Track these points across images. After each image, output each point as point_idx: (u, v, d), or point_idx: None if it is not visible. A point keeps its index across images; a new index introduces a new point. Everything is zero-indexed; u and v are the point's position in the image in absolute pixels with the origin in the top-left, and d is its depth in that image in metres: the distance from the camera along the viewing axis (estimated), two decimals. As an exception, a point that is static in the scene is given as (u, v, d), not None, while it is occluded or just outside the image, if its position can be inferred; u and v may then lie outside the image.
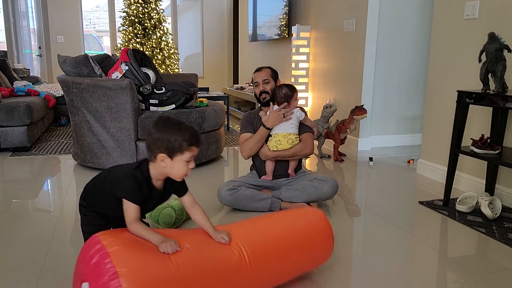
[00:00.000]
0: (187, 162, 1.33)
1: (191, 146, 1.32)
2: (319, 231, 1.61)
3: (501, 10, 2.52)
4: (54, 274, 1.69)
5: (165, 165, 1.32)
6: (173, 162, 1.32)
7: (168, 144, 1.30)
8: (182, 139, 1.30)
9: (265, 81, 2.47)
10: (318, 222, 1.63)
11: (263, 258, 1.42)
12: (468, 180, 2.80)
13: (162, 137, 1.30)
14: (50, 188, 2.90)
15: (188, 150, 1.32)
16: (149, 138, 1.34)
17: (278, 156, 2.41)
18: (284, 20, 5.28)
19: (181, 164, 1.32)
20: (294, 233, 1.55)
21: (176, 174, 1.35)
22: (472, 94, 2.33)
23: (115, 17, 7.30)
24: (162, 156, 1.31)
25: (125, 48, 3.34)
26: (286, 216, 1.64)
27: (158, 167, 1.34)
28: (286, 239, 1.51)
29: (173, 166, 1.32)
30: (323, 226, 1.63)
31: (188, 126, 1.35)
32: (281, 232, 1.53)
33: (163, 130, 1.31)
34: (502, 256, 1.90)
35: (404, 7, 3.98)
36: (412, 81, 4.17)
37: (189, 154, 1.32)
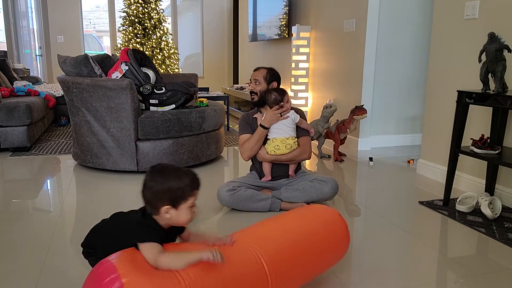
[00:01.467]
0: (191, 207, 1.29)
1: (193, 191, 1.28)
2: (335, 230, 1.58)
3: (501, 10, 2.52)
4: (54, 274, 1.69)
5: (170, 216, 1.27)
6: (178, 211, 1.27)
7: (170, 195, 1.25)
8: (184, 186, 1.25)
9: (256, 81, 2.46)
10: (333, 221, 1.60)
11: (282, 269, 1.37)
12: (468, 180, 2.80)
13: (163, 189, 1.25)
14: (50, 188, 2.90)
15: (191, 195, 1.27)
16: (148, 191, 1.27)
17: (275, 160, 2.41)
18: (284, 20, 5.28)
19: (186, 211, 1.28)
20: (311, 236, 1.50)
21: (182, 222, 1.30)
22: (472, 94, 2.33)
23: (115, 17, 7.30)
24: (167, 209, 1.25)
25: (125, 48, 3.34)
26: (300, 218, 1.58)
27: (163, 219, 1.28)
28: (303, 244, 1.46)
29: (179, 215, 1.27)
30: (338, 223, 1.60)
31: (185, 170, 1.30)
32: (297, 236, 1.47)
33: (162, 181, 1.25)
34: (502, 256, 1.90)
35: (404, 7, 3.98)
36: (412, 81, 4.17)
37: (192, 199, 1.28)
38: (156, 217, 1.29)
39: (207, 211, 2.39)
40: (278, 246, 1.40)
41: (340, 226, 1.60)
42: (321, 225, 1.56)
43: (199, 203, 2.31)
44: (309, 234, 1.50)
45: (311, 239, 1.49)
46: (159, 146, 3.09)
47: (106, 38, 10.54)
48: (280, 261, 1.37)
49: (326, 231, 1.56)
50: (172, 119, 3.08)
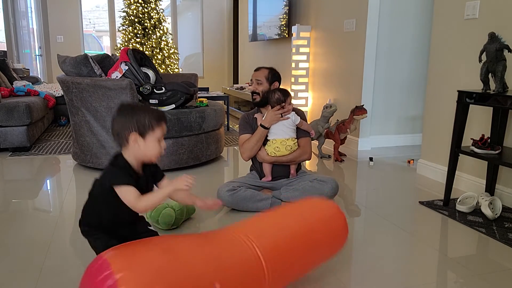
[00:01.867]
0: (159, 141, 1.34)
1: (160, 122, 1.34)
2: (333, 222, 1.56)
3: (501, 10, 2.52)
4: (54, 274, 1.69)
5: (139, 146, 1.31)
6: (146, 141, 1.32)
7: (138, 124, 1.30)
8: (151, 117, 1.32)
9: (258, 81, 2.46)
10: (331, 213, 1.59)
11: (278, 262, 1.37)
12: (468, 180, 2.80)
13: (131, 119, 1.30)
14: (50, 188, 2.90)
15: (158, 127, 1.33)
16: (117, 123, 1.33)
17: (276, 161, 2.42)
18: (284, 20, 5.28)
19: (154, 144, 1.33)
20: (308, 229, 1.49)
21: (150, 154, 1.34)
22: (473, 94, 2.33)
23: (115, 17, 7.29)
24: (135, 136, 1.30)
25: (125, 48, 3.34)
26: (298, 211, 1.57)
27: (132, 151, 1.33)
28: (301, 237, 1.45)
29: (147, 145, 1.32)
30: (336, 216, 1.59)
31: (150, 107, 1.38)
32: (295, 229, 1.46)
33: (130, 112, 1.32)
34: (502, 256, 1.89)
35: (404, 7, 3.98)
36: (412, 81, 4.17)
37: (160, 131, 1.34)
38: (126, 152, 1.34)
39: (207, 211, 2.39)
40: (275, 239, 1.40)
41: (338, 218, 1.59)
42: (318, 217, 1.55)
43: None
44: (307, 227, 1.49)
45: (309, 232, 1.48)
46: (159, 146, 3.08)
47: (106, 38, 10.54)
48: (277, 254, 1.36)
49: (324, 223, 1.54)
50: (172, 119, 3.08)
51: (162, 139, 1.36)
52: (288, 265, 1.39)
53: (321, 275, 1.70)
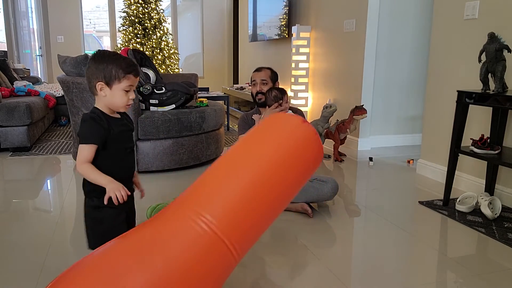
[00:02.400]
0: (126, 91, 1.34)
1: (128, 74, 1.33)
2: (300, 151, 1.25)
3: (501, 10, 2.52)
4: (54, 274, 1.69)
5: (105, 95, 1.34)
6: (112, 91, 1.33)
7: (105, 73, 1.32)
8: (119, 67, 1.32)
9: (263, 81, 2.47)
10: (295, 139, 1.26)
11: (242, 228, 1.13)
12: (468, 180, 2.80)
13: (99, 67, 1.32)
14: (50, 188, 2.90)
15: (126, 79, 1.33)
16: (87, 71, 1.36)
17: None
18: (284, 20, 5.28)
19: (120, 93, 1.34)
20: (272, 172, 1.19)
21: (117, 103, 1.35)
22: (472, 94, 2.33)
23: (115, 17, 7.30)
24: (100, 85, 1.33)
25: (125, 48, 3.34)
26: (253, 148, 1.25)
27: (101, 99, 1.36)
28: (262, 187, 1.17)
29: (113, 95, 1.34)
30: (304, 141, 1.27)
31: (125, 57, 1.36)
32: (255, 179, 1.17)
33: (100, 60, 1.33)
34: (502, 256, 1.90)
35: (404, 7, 3.98)
36: (412, 81, 4.17)
37: (127, 82, 1.33)
38: (97, 99, 1.38)
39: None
40: (229, 200, 1.12)
41: (307, 145, 1.27)
42: (280, 151, 1.22)
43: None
44: (270, 171, 1.18)
45: (273, 177, 1.18)
46: (159, 146, 3.09)
47: (106, 38, 10.54)
48: (239, 220, 1.12)
49: (289, 158, 1.22)
50: (172, 119, 3.09)
51: (131, 91, 1.36)
52: (256, 225, 1.16)
53: (320, 274, 1.70)
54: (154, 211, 2.13)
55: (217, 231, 1.09)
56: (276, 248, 1.95)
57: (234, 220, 1.12)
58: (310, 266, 1.78)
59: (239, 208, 1.13)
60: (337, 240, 2.07)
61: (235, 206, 1.12)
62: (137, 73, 1.37)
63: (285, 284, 1.64)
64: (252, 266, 1.78)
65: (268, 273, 1.73)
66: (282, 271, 1.74)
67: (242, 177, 1.17)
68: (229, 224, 1.11)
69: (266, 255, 1.88)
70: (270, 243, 2.00)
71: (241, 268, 1.75)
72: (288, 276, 1.70)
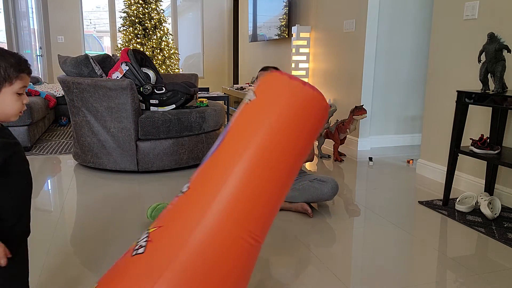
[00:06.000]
0: (19, 95, 1.08)
1: (21, 73, 1.07)
2: (306, 120, 1.20)
3: (501, 10, 2.52)
4: (54, 274, 1.70)
5: None
6: (2, 95, 1.06)
7: None
8: (9, 66, 1.05)
9: None
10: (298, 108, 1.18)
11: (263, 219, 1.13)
12: (468, 180, 2.80)
13: None
14: (50, 188, 2.91)
15: (19, 79, 1.07)
16: None
17: None
18: (284, 20, 5.29)
19: (12, 98, 1.07)
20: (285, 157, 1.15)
21: (9, 111, 1.09)
22: (472, 94, 2.34)
23: (115, 18, 7.30)
24: None
25: (125, 48, 3.34)
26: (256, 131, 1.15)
27: None
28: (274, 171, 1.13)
29: (4, 101, 1.06)
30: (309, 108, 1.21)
31: (13, 52, 1.09)
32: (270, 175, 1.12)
33: None
34: (501, 256, 1.90)
35: (404, 8, 3.98)
36: (411, 81, 4.18)
37: (20, 84, 1.07)
38: None
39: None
40: (260, 208, 1.12)
41: (311, 110, 1.21)
42: (286, 126, 1.15)
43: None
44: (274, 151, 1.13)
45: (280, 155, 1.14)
46: (159, 146, 3.10)
47: (106, 39, 10.55)
48: (251, 206, 1.10)
49: (295, 129, 1.16)
50: (172, 119, 3.09)
51: (24, 94, 1.10)
52: (270, 206, 1.15)
53: (320, 274, 1.71)
54: (154, 211, 2.13)
55: (254, 242, 1.11)
56: (276, 248, 1.95)
57: (250, 209, 1.10)
58: (310, 266, 1.78)
59: (252, 197, 1.11)
60: (337, 240, 2.08)
61: (248, 196, 1.10)
62: (30, 70, 1.11)
63: (285, 283, 1.64)
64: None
65: (268, 272, 1.73)
66: (282, 271, 1.74)
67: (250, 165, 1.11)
68: (246, 216, 1.10)
69: (266, 255, 1.88)
70: (270, 243, 2.00)
71: (241, 268, 1.76)
72: (288, 276, 1.70)
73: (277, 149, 1.14)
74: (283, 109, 1.15)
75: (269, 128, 1.14)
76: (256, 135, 1.14)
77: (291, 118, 1.16)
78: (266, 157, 1.12)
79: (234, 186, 1.10)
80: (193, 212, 1.09)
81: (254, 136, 1.14)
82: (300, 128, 1.18)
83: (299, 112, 1.17)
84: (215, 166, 1.16)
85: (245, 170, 1.11)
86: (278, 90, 1.18)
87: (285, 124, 1.15)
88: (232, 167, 1.12)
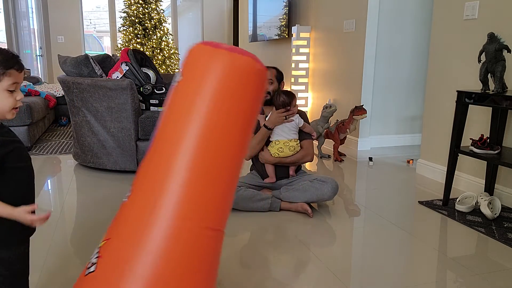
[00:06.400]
0: (11, 92, 1.06)
1: (10, 69, 1.04)
2: None
3: (500, 10, 2.52)
4: (54, 274, 1.70)
5: None
6: None
7: None
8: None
9: (269, 80, 2.48)
10: None
11: None
12: (468, 180, 2.80)
13: None
14: (50, 188, 2.91)
15: (7, 75, 1.04)
16: None
17: (279, 162, 2.42)
18: (284, 21, 5.29)
19: (3, 95, 1.05)
20: None
21: (2, 108, 1.06)
22: (472, 94, 2.34)
23: (115, 18, 7.30)
24: None
25: (125, 48, 3.35)
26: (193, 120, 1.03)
27: None
28: None
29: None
30: None
31: (1, 48, 1.08)
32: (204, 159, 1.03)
33: None
34: (501, 256, 1.90)
35: (404, 8, 3.98)
36: (411, 81, 4.18)
37: (10, 80, 1.05)
38: None
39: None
40: None
41: (247, 80, 1.08)
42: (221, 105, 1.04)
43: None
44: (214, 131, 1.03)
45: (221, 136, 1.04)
46: (159, 146, 3.09)
47: (106, 39, 10.55)
48: (204, 197, 1.03)
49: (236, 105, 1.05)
50: (172, 119, 3.09)
51: (17, 91, 1.08)
52: (224, 192, 1.09)
53: (320, 274, 1.71)
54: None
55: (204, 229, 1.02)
56: (276, 247, 1.95)
57: (203, 202, 1.02)
58: (310, 266, 1.78)
59: (202, 188, 1.02)
60: (337, 240, 2.08)
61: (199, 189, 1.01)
62: (20, 66, 1.08)
63: (285, 283, 1.64)
64: (252, 265, 1.78)
65: (268, 272, 1.73)
66: (282, 271, 1.74)
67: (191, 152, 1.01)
68: (200, 210, 1.02)
69: (266, 254, 1.88)
70: (270, 243, 2.00)
71: (242, 268, 1.76)
72: (288, 276, 1.70)
73: (218, 128, 1.01)
74: (214, 83, 1.02)
75: (204, 107, 1.01)
76: (191, 119, 1.01)
77: (225, 90, 1.02)
78: (208, 140, 1.01)
79: (180, 181, 0.99)
80: (140, 218, 1.00)
81: (190, 121, 1.01)
82: (238, 99, 1.04)
83: (232, 82, 1.03)
84: (154, 164, 1.05)
85: (188, 160, 0.99)
86: (204, 63, 1.04)
87: (220, 99, 1.02)
88: (173, 160, 1.00)
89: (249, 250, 1.93)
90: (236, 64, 1.04)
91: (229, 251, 1.91)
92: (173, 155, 1.01)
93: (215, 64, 1.03)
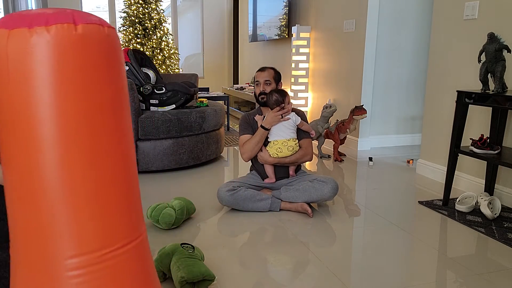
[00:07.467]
0: None
1: None
2: None
3: (500, 10, 2.52)
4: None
5: None
6: None
7: None
8: None
9: (266, 82, 2.47)
10: None
11: None
12: (468, 180, 2.80)
13: None
14: (50, 188, 2.90)
15: None
16: None
17: (278, 162, 2.42)
18: (284, 21, 5.29)
19: None
20: None
21: None
22: (472, 94, 2.34)
23: (115, 18, 7.30)
24: None
25: (125, 48, 3.34)
26: None
27: None
28: None
29: None
30: None
31: None
32: None
33: None
34: (501, 256, 1.90)
35: (404, 7, 3.99)
36: (412, 81, 4.18)
37: None
38: None
39: (207, 211, 2.40)
40: None
41: None
42: None
43: (199, 204, 2.31)
44: None
45: None
46: (159, 146, 3.10)
47: (106, 38, 10.53)
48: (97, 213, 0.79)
49: None
50: (172, 119, 3.09)
51: None
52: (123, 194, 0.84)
53: (320, 274, 1.71)
54: (154, 211, 2.13)
55: None
56: (276, 247, 1.95)
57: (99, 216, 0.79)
58: (310, 266, 1.78)
59: (91, 194, 0.78)
60: (337, 240, 2.08)
61: None
62: None
63: (285, 283, 1.64)
64: (252, 265, 1.78)
65: (268, 272, 1.73)
66: (282, 271, 1.74)
67: None
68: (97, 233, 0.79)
69: (266, 254, 1.88)
70: (270, 243, 2.00)
71: (242, 268, 1.76)
72: (288, 276, 1.70)
73: (74, 126, 0.74)
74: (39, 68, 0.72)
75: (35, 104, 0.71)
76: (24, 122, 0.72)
77: (52, 74, 0.72)
78: (64, 141, 0.73)
79: (52, 201, 0.73)
80: None
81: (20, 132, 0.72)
82: (82, 78, 0.74)
83: (61, 62, 0.73)
84: None
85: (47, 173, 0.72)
86: None
87: (54, 84, 0.72)
88: None
89: (249, 250, 1.93)
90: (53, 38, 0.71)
91: (229, 251, 1.91)
92: None
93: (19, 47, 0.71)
